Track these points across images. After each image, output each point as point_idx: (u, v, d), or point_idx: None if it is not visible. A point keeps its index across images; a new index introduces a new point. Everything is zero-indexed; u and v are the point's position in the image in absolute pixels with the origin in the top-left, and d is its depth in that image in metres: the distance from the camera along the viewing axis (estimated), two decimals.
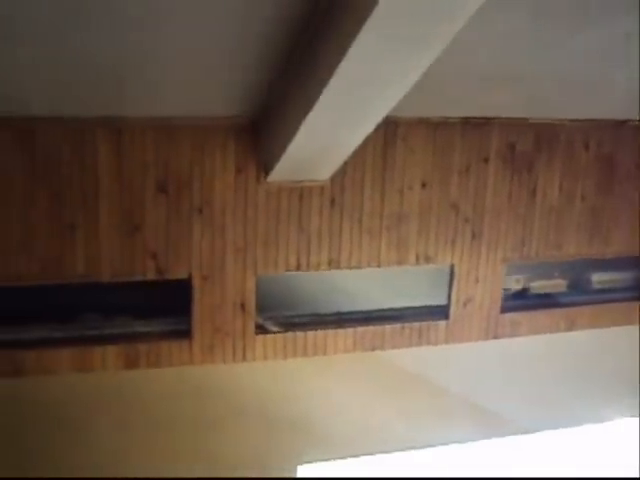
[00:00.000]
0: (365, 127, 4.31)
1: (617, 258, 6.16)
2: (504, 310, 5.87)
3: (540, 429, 6.45)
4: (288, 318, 5.43)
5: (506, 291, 5.91)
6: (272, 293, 5.28)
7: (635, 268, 6.34)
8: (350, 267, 5.29)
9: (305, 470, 5.80)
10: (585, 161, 5.75)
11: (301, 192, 5.05)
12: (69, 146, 4.57)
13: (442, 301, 5.72)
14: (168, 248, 4.89)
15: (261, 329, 5.27)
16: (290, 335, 5.33)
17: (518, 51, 4.41)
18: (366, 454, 5.95)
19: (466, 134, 5.39)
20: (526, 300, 6.08)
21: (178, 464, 5.35)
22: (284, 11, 3.67)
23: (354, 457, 5.91)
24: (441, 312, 5.72)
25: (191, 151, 4.78)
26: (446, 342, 5.74)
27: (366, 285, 5.59)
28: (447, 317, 5.71)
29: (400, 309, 5.70)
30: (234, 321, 5.13)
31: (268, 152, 4.75)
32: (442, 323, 5.71)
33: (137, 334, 5.11)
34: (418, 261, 5.47)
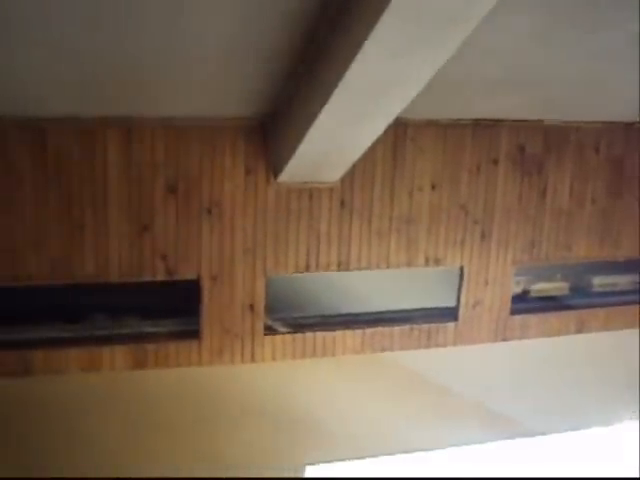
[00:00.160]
0: (376, 128, 4.30)
1: (618, 261, 6.13)
2: (513, 312, 5.86)
3: (548, 432, 6.43)
4: (297, 319, 5.42)
5: None
6: (281, 294, 5.27)
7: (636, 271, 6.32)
8: (359, 268, 5.28)
9: (313, 470, 5.79)
10: (595, 163, 5.73)
11: (311, 193, 5.04)
12: (79, 146, 4.58)
13: (451, 303, 5.71)
14: (177, 249, 4.89)
15: (270, 330, 5.27)
16: (299, 336, 5.32)
17: (528, 53, 4.39)
18: (374, 455, 5.94)
19: (476, 136, 5.38)
20: (527, 303, 6.06)
21: (186, 464, 5.35)
22: (295, 12, 3.66)
23: (362, 458, 5.90)
24: (450, 314, 5.71)
25: (201, 152, 4.79)
26: (455, 344, 5.73)
27: (375, 286, 5.58)
28: (456, 319, 5.69)
29: (409, 310, 5.69)
30: (243, 322, 5.12)
31: (278, 153, 4.75)
32: (451, 325, 5.69)
33: (146, 334, 5.12)
34: (427, 263, 5.46)
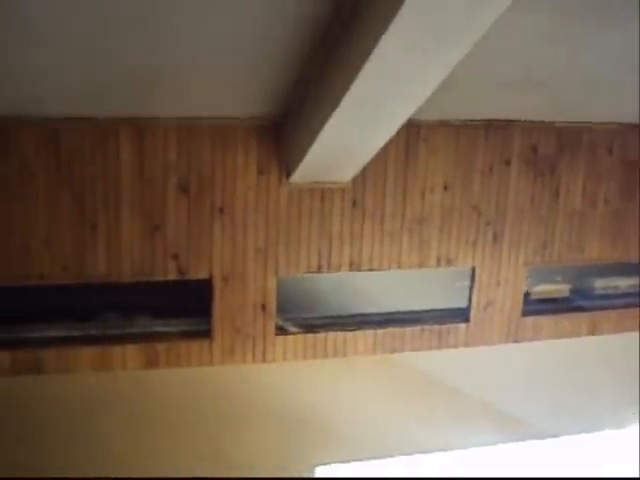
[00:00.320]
0: (388, 129, 4.30)
1: (622, 263, 6.10)
2: (525, 313, 5.83)
3: (560, 434, 6.41)
4: (308, 320, 5.42)
5: None
6: (292, 294, 5.27)
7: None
8: (371, 269, 5.27)
9: (323, 471, 5.79)
10: (608, 164, 5.70)
11: (323, 193, 5.04)
12: (92, 146, 4.59)
13: (463, 304, 5.69)
14: (189, 248, 4.90)
15: (281, 330, 5.27)
16: (310, 336, 5.32)
17: (541, 53, 4.37)
18: (384, 456, 5.94)
19: (488, 136, 5.37)
20: (529, 305, 6.04)
21: (196, 464, 5.36)
22: (308, 11, 3.66)
23: (372, 459, 5.90)
24: (461, 315, 5.69)
25: (213, 151, 4.79)
26: (466, 345, 5.72)
27: (386, 287, 5.57)
28: (467, 320, 5.68)
29: (420, 311, 5.67)
30: (254, 322, 5.12)
31: (290, 153, 4.75)
32: (462, 326, 5.68)
33: (157, 334, 5.12)
34: (439, 263, 5.44)
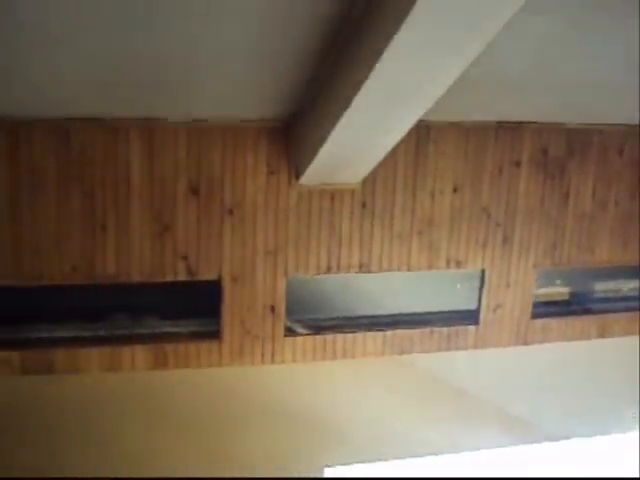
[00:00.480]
0: (399, 130, 4.29)
1: (623, 266, 6.08)
2: (535, 316, 5.82)
3: (569, 437, 6.40)
4: (317, 321, 5.41)
5: None
6: (302, 296, 5.27)
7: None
8: (380, 271, 5.27)
9: (332, 472, 5.79)
10: (619, 166, 5.68)
11: (332, 195, 5.04)
12: (103, 147, 4.60)
13: (472, 306, 5.68)
14: (198, 249, 4.90)
15: (290, 332, 5.27)
16: (319, 338, 5.31)
17: (551, 55, 4.37)
18: (393, 458, 5.93)
19: (498, 138, 5.35)
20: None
21: (204, 464, 5.37)
22: (319, 11, 3.66)
23: (381, 460, 5.90)
24: (471, 317, 5.68)
25: (223, 152, 4.79)
26: (475, 347, 5.70)
27: (396, 288, 5.57)
28: (477, 322, 5.66)
29: (430, 313, 5.66)
30: (264, 323, 5.12)
31: (300, 154, 4.75)
32: (472, 328, 5.66)
33: (166, 335, 5.13)
34: (449, 265, 5.43)
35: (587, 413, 6.37)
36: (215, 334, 5.10)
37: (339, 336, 5.36)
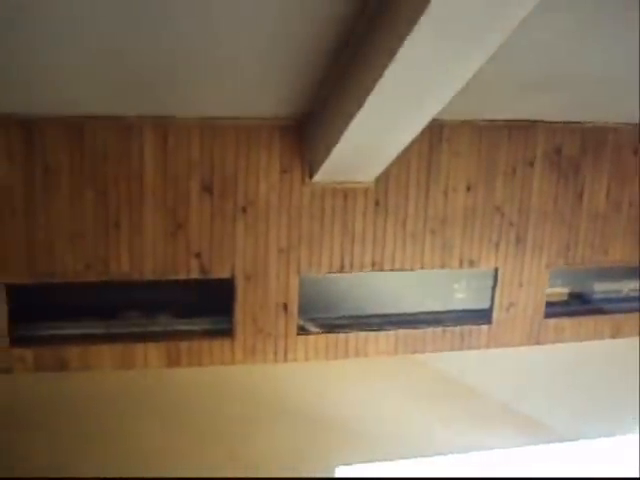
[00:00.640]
0: (412, 129, 4.29)
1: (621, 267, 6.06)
2: (548, 315, 5.80)
3: (582, 437, 6.37)
4: (329, 319, 5.41)
5: None
6: (314, 294, 5.27)
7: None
8: (393, 269, 5.26)
9: (343, 471, 5.78)
10: (633, 165, 5.65)
11: (345, 193, 5.03)
12: (116, 145, 4.62)
13: (485, 305, 5.67)
14: (212, 247, 4.91)
15: (302, 330, 5.27)
16: (332, 336, 5.32)
17: (565, 53, 4.35)
18: (405, 457, 5.92)
19: (512, 137, 5.34)
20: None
21: (216, 462, 5.37)
22: (332, 11, 3.66)
23: (393, 460, 5.88)
24: (484, 316, 5.67)
25: (236, 151, 4.80)
26: (488, 347, 5.69)
27: (408, 287, 5.57)
28: (490, 321, 5.65)
29: (442, 312, 5.66)
30: (276, 321, 5.13)
31: (313, 153, 4.75)
32: (484, 327, 5.65)
33: (179, 332, 5.15)
34: (462, 264, 5.42)
35: (600, 414, 6.34)
36: (228, 332, 5.11)
37: (351, 335, 5.36)
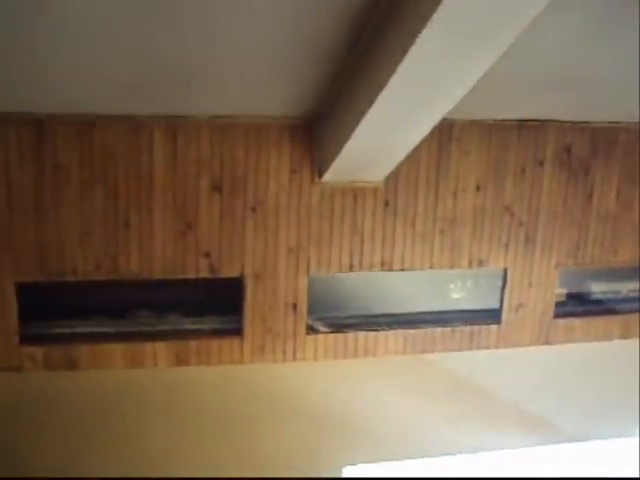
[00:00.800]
0: (422, 128, 4.28)
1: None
2: (557, 315, 5.78)
3: (591, 438, 6.35)
4: (338, 319, 5.41)
5: None
6: (323, 294, 5.27)
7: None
8: (403, 269, 5.26)
9: (351, 471, 5.78)
10: None
11: (355, 193, 5.03)
12: (126, 144, 4.62)
13: (494, 305, 5.66)
14: (221, 247, 4.91)
15: (311, 329, 5.27)
16: (341, 336, 5.32)
17: (575, 52, 4.33)
18: (413, 457, 5.91)
19: (521, 136, 5.33)
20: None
21: (224, 461, 5.37)
22: (343, 12, 3.65)
23: (400, 460, 5.88)
24: (493, 316, 5.66)
25: (246, 150, 4.80)
26: (497, 347, 5.68)
27: (418, 287, 5.56)
28: (499, 321, 5.64)
29: (451, 312, 5.65)
30: (285, 321, 5.13)
31: (323, 152, 4.74)
32: (494, 327, 5.64)
33: (188, 331, 5.16)
34: (471, 264, 5.42)
35: (609, 414, 6.32)
36: (237, 331, 5.12)
37: (360, 334, 5.36)
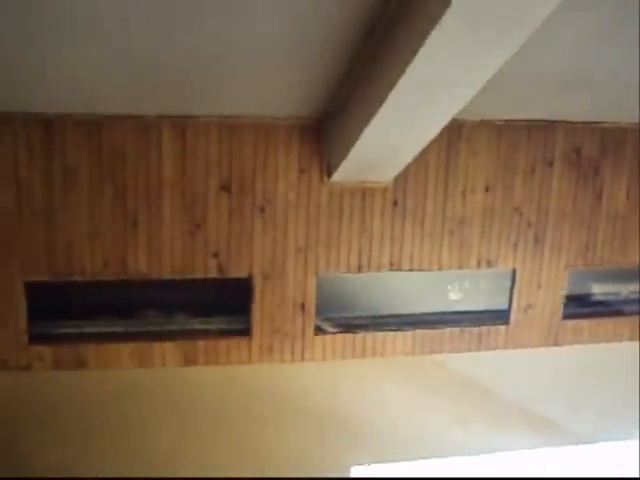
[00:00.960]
0: (432, 129, 4.27)
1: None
2: (566, 316, 5.77)
3: (599, 440, 6.33)
4: (347, 319, 5.41)
5: None
6: (332, 294, 5.26)
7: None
8: (411, 269, 5.25)
9: (359, 471, 5.78)
10: None
11: (364, 193, 5.03)
12: (135, 144, 4.63)
13: (503, 305, 5.65)
14: (229, 247, 4.91)
15: (320, 330, 5.26)
16: (349, 336, 5.31)
17: (585, 53, 4.32)
18: (421, 458, 5.91)
19: (531, 137, 5.31)
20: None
21: (232, 462, 5.38)
22: (352, 12, 3.65)
23: (409, 460, 5.87)
24: (501, 317, 5.64)
25: (255, 150, 4.80)
26: (505, 347, 5.67)
27: (426, 287, 5.55)
28: (507, 322, 5.63)
29: (460, 312, 5.64)
30: (294, 321, 5.13)
31: (332, 152, 4.74)
32: (502, 328, 5.63)
33: (196, 331, 5.16)
34: (479, 265, 5.40)
35: (618, 416, 6.31)
36: (245, 331, 5.12)
37: (369, 335, 5.35)
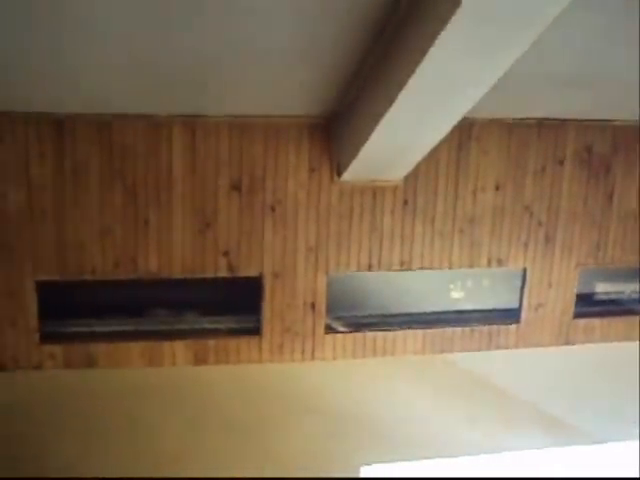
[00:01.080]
0: (442, 128, 4.27)
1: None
2: (577, 315, 5.75)
3: (610, 440, 6.31)
4: (357, 318, 5.41)
5: None
6: (342, 293, 5.26)
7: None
8: (422, 268, 5.25)
9: (369, 471, 5.77)
10: None
11: (374, 192, 5.02)
12: (145, 143, 4.64)
13: (513, 304, 5.64)
14: (240, 246, 4.92)
15: (330, 329, 5.26)
16: (359, 335, 5.31)
17: (596, 51, 4.31)
18: (431, 457, 5.89)
19: (541, 135, 5.30)
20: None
21: (243, 462, 5.37)
22: (363, 12, 3.64)
23: (419, 460, 5.86)
24: (512, 316, 5.63)
25: (265, 149, 4.80)
26: (516, 346, 5.66)
27: (436, 286, 5.55)
28: (518, 321, 5.62)
29: (470, 311, 5.63)
30: (304, 320, 5.13)
31: (343, 151, 4.74)
32: (513, 327, 5.62)
33: (207, 331, 5.17)
34: (490, 264, 5.39)
35: (629, 416, 6.28)
36: (255, 330, 5.12)
37: (379, 334, 5.35)
